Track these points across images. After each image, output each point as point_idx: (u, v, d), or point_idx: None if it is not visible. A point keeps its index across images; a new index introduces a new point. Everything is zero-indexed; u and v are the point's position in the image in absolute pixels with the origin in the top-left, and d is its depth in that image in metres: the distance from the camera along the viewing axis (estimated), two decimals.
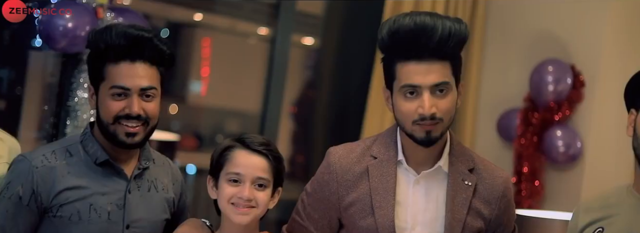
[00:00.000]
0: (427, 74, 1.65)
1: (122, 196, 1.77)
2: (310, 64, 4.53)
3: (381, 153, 1.75)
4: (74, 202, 1.72)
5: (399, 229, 1.70)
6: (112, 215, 1.75)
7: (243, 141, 1.75)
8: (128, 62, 1.71)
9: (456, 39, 1.65)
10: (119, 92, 1.71)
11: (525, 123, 3.56)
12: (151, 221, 1.80)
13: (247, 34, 4.57)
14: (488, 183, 1.74)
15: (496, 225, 1.77)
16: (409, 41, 1.65)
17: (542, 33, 3.68)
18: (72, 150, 1.77)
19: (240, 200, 1.71)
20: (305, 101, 4.32)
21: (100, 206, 1.74)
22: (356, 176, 1.74)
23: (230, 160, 1.73)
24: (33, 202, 1.71)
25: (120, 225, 1.75)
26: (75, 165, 1.74)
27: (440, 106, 1.65)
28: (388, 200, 1.70)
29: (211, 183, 1.77)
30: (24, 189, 1.70)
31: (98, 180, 1.75)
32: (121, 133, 1.72)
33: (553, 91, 3.49)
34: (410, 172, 1.73)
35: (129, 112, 1.71)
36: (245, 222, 1.72)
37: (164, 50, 1.76)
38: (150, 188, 1.82)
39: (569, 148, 3.48)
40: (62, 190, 1.72)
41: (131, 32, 1.72)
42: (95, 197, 1.74)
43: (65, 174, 1.73)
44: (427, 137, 1.66)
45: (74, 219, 1.72)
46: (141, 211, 1.79)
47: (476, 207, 1.71)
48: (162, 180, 1.86)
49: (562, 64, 3.52)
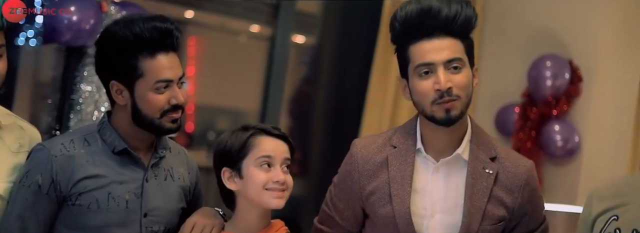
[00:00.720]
0: (439, 50, 1.68)
1: (140, 185, 1.77)
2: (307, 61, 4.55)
3: (400, 143, 1.76)
4: (92, 190, 1.72)
5: (418, 217, 1.71)
6: (130, 204, 1.75)
7: (262, 129, 1.77)
8: (163, 54, 1.72)
9: (463, 17, 1.68)
10: (164, 85, 1.72)
11: (523, 118, 3.59)
12: (168, 210, 1.81)
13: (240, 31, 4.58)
14: (510, 172, 1.73)
15: (521, 215, 1.76)
16: (417, 22, 1.69)
17: (539, 28, 3.72)
18: (89, 139, 1.77)
19: (276, 184, 1.72)
20: (302, 98, 4.33)
21: (119, 195, 1.74)
22: (377, 165, 1.76)
23: (257, 145, 1.73)
24: (52, 191, 1.71)
25: (138, 214, 1.76)
26: (93, 154, 1.75)
27: (455, 81, 1.67)
28: (404, 188, 1.71)
29: (228, 174, 1.77)
30: (43, 178, 1.70)
31: (116, 169, 1.75)
32: (167, 123, 1.74)
33: (551, 86, 3.53)
34: (429, 160, 1.74)
35: (177, 103, 1.73)
36: (281, 206, 1.74)
37: (180, 38, 1.78)
38: (167, 177, 1.83)
39: (566, 143, 3.52)
40: (80, 178, 1.72)
41: (160, 26, 1.72)
42: (113, 185, 1.74)
43: (84, 163, 1.73)
44: (447, 116, 1.67)
45: (92, 208, 1.72)
46: (158, 200, 1.79)
47: (497, 195, 1.71)
48: (178, 169, 1.86)
49: (560, 59, 3.56)
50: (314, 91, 4.18)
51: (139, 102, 1.73)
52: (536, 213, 1.80)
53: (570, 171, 3.60)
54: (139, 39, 1.71)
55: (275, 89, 3.66)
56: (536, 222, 1.80)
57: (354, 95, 3.84)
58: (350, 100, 3.91)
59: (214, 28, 4.59)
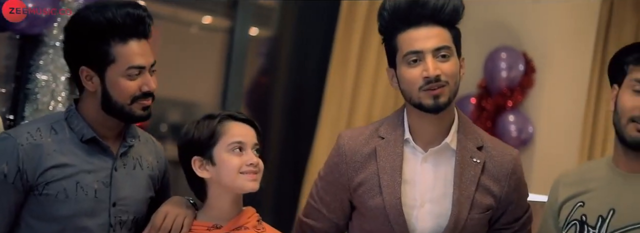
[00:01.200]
0: (427, 38, 1.69)
1: (109, 174, 1.74)
2: (265, 53, 4.54)
3: (388, 134, 1.76)
4: (60, 180, 1.69)
5: (408, 207, 1.71)
6: (99, 193, 1.72)
7: (229, 115, 1.78)
8: (135, 40, 1.71)
9: (451, 7, 1.71)
10: (136, 72, 1.70)
11: (479, 109, 3.66)
12: (137, 199, 1.79)
13: (193, 22, 4.54)
14: (497, 161, 1.75)
15: (507, 203, 1.77)
16: (406, 11, 1.70)
17: (495, 21, 3.79)
18: (56, 127, 1.73)
19: (250, 167, 1.72)
20: (260, 90, 4.32)
21: (87, 184, 1.71)
22: (365, 157, 1.76)
23: (227, 132, 1.74)
24: (18, 180, 1.67)
25: (107, 203, 1.73)
26: (60, 143, 1.71)
27: (444, 69, 1.68)
28: (395, 178, 1.71)
29: (198, 163, 1.75)
30: (9, 167, 1.67)
31: (84, 157, 1.72)
32: (138, 110, 1.73)
33: (506, 77, 3.60)
34: (417, 150, 1.74)
35: (148, 89, 1.72)
36: (257, 188, 1.74)
37: (151, 25, 1.76)
38: (135, 165, 1.80)
39: (521, 133, 3.60)
40: (48, 168, 1.69)
41: (133, 12, 1.70)
42: (81, 174, 1.71)
43: (51, 152, 1.70)
44: (435, 102, 1.68)
45: (60, 197, 1.69)
46: (127, 189, 1.77)
47: (485, 184, 1.72)
48: (147, 157, 1.84)
49: (514, 51, 3.64)
50: (272, 83, 4.17)
51: (110, 88, 1.71)
52: (521, 201, 1.82)
53: (524, 161, 3.62)
54: (111, 24, 1.68)
55: (234, 81, 3.64)
56: (521, 210, 1.82)
57: (312, 87, 3.85)
58: (309, 92, 3.92)
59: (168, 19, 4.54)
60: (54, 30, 2.61)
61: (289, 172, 3.83)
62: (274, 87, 4.13)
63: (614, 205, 1.65)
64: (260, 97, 4.24)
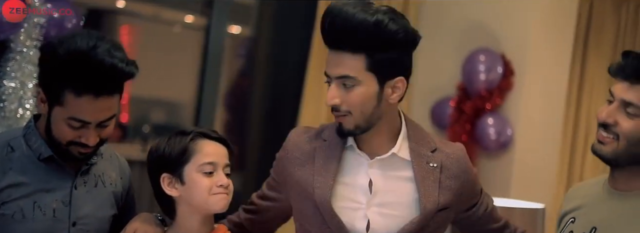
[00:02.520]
0: (336, 65, 1.63)
1: (68, 192, 1.69)
2: (243, 53, 4.49)
3: (330, 137, 1.76)
4: (17, 199, 1.64)
5: (349, 210, 1.71)
6: (58, 213, 1.67)
7: (201, 132, 1.73)
8: (91, 96, 1.57)
9: (362, 33, 1.59)
10: (78, 125, 1.61)
11: (458, 112, 3.63)
12: (98, 217, 1.74)
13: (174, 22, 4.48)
14: (453, 158, 1.76)
15: (469, 192, 1.80)
16: (325, 32, 1.64)
17: (473, 23, 3.76)
18: (14, 144, 1.67)
19: (220, 188, 1.69)
20: (239, 91, 4.28)
21: (45, 203, 1.66)
22: (305, 154, 1.76)
23: (199, 151, 1.70)
24: None
25: (66, 223, 1.68)
26: (17, 161, 1.65)
27: (346, 99, 1.64)
28: (327, 180, 1.70)
29: (167, 180, 1.71)
30: None
31: (42, 176, 1.67)
32: (75, 152, 1.65)
33: (485, 80, 3.57)
34: (363, 157, 1.73)
35: (86, 143, 1.63)
36: (226, 208, 1.71)
37: (133, 75, 1.62)
38: (97, 183, 1.75)
39: (500, 136, 3.58)
40: (4, 187, 1.63)
41: (107, 63, 1.55)
42: (39, 194, 1.66)
43: (7, 170, 1.64)
44: (339, 128, 1.68)
45: (17, 217, 1.64)
46: (88, 207, 1.72)
47: (446, 185, 1.73)
48: (110, 174, 1.80)
49: (492, 53, 3.61)
50: (251, 83, 4.13)
51: (52, 123, 1.63)
52: (476, 186, 1.85)
53: (503, 164, 3.66)
54: (70, 75, 1.55)
55: (210, 81, 3.59)
56: (478, 193, 1.86)
57: (291, 87, 3.82)
58: (287, 92, 3.88)
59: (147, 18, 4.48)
60: (21, 36, 2.54)
61: (268, 174, 3.80)
62: (253, 86, 4.10)
63: (596, 223, 1.64)
64: (239, 97, 4.21)
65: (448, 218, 1.79)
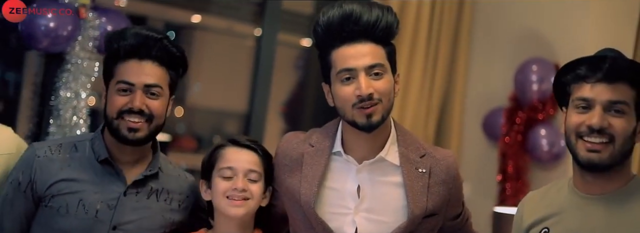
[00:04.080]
0: (360, 56, 1.69)
1: (116, 197, 1.79)
2: (300, 63, 4.55)
3: (318, 143, 1.78)
4: (65, 194, 1.76)
5: (337, 215, 1.73)
6: (100, 214, 1.77)
7: (231, 139, 1.82)
8: (136, 60, 1.77)
9: (384, 23, 1.69)
10: (124, 88, 1.76)
11: (510, 122, 3.58)
12: (142, 228, 1.81)
13: (245, 35, 4.58)
14: (443, 164, 1.78)
15: (456, 200, 1.83)
16: (339, 27, 1.69)
17: (526, 32, 3.70)
18: (79, 146, 1.82)
19: (235, 192, 1.75)
20: (295, 100, 4.34)
21: (90, 203, 1.76)
22: (293, 161, 1.79)
23: (222, 157, 1.79)
24: (29, 190, 1.77)
25: (107, 225, 1.77)
26: (76, 160, 1.79)
27: (376, 87, 1.68)
28: (312, 187, 1.73)
29: (204, 186, 1.82)
30: (23, 176, 1.77)
31: (95, 178, 1.78)
32: (124, 128, 1.76)
33: (537, 90, 3.51)
34: (351, 162, 1.75)
35: (132, 107, 1.75)
36: (240, 214, 1.76)
37: (173, 51, 1.80)
38: (150, 196, 1.84)
39: (552, 147, 3.50)
40: (56, 181, 1.77)
41: (142, 32, 1.78)
42: (86, 193, 1.77)
43: (65, 167, 1.78)
44: (368, 121, 1.68)
45: (61, 211, 1.76)
46: (133, 215, 1.80)
47: (435, 191, 1.75)
48: (171, 192, 1.87)
49: (546, 63, 3.54)
50: (306, 93, 4.18)
51: (107, 104, 1.80)
52: (462, 195, 1.88)
53: (556, 175, 3.58)
54: (119, 44, 1.77)
55: (261, 91, 3.66)
56: (462, 203, 1.90)
57: None
58: None
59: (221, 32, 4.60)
60: (76, 48, 2.68)
61: None
62: (307, 98, 4.14)
63: (578, 230, 1.63)
64: (295, 108, 4.27)
65: (436, 225, 1.79)
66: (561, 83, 1.70)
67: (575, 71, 1.66)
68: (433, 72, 3.73)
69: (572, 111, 1.64)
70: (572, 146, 1.64)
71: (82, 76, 2.69)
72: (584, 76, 1.63)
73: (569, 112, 1.66)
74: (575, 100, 1.64)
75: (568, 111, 1.67)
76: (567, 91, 1.68)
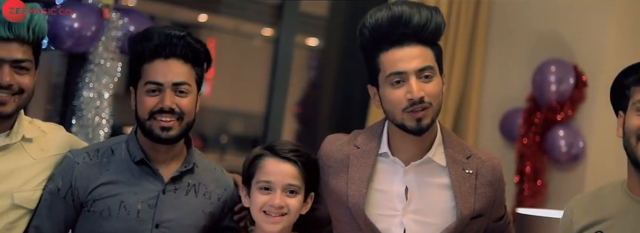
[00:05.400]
0: (410, 59, 1.67)
1: (155, 196, 1.80)
2: (314, 64, 4.56)
3: (364, 144, 1.77)
4: (106, 198, 1.78)
5: (385, 216, 1.72)
6: (142, 214, 1.79)
7: (272, 148, 1.78)
8: (162, 59, 1.77)
9: (433, 25, 1.68)
10: (153, 88, 1.77)
11: (527, 123, 3.57)
12: (183, 224, 1.82)
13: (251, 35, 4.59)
14: (488, 165, 1.77)
15: (500, 201, 1.83)
16: (388, 29, 1.68)
17: (544, 33, 3.70)
18: (115, 148, 1.84)
19: (271, 208, 1.73)
20: (309, 101, 4.34)
21: (131, 204, 1.78)
22: (338, 162, 1.78)
23: (261, 168, 1.76)
24: (69, 195, 1.79)
25: (149, 224, 1.79)
26: (114, 163, 1.81)
27: (427, 90, 1.67)
28: (361, 189, 1.72)
29: (244, 191, 1.81)
30: (64, 182, 1.79)
31: (134, 179, 1.80)
32: (156, 127, 1.77)
33: (555, 91, 3.50)
34: (397, 164, 1.75)
35: (162, 106, 1.76)
36: (277, 230, 1.75)
37: (197, 47, 1.80)
38: (189, 192, 1.84)
39: (571, 148, 3.49)
40: (97, 186, 1.79)
41: (164, 31, 1.78)
42: (126, 194, 1.79)
43: (104, 171, 1.80)
44: (418, 125, 1.68)
45: (104, 215, 1.78)
46: (174, 213, 1.81)
47: (482, 192, 1.74)
48: (208, 185, 1.88)
49: (564, 64, 3.54)
50: (321, 95, 4.19)
51: (137, 105, 1.80)
52: (504, 197, 1.88)
53: (574, 177, 3.57)
54: (143, 45, 1.78)
55: (279, 91, 3.66)
56: (505, 205, 1.89)
57: (360, 97, 3.85)
58: (356, 102, 3.91)
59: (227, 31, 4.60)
60: (99, 49, 2.69)
61: None
62: (322, 97, 4.15)
63: None
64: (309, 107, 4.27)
65: (481, 227, 1.78)
66: (621, 85, 1.68)
67: (638, 74, 1.64)
68: (449, 73, 3.73)
69: (634, 114, 1.62)
70: (631, 149, 1.62)
71: (105, 76, 2.70)
72: None
73: (630, 115, 1.64)
74: (636, 103, 1.62)
75: (628, 114, 1.65)
76: (626, 94, 1.66)
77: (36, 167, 1.79)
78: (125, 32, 2.72)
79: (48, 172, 1.81)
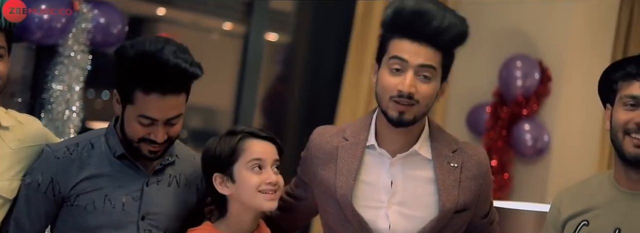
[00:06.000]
0: (417, 53, 1.67)
1: (139, 188, 1.78)
2: (280, 59, 4.55)
3: (352, 136, 1.78)
4: (90, 192, 1.75)
5: (370, 208, 1.73)
6: (127, 206, 1.77)
7: (250, 132, 1.78)
8: (158, 94, 1.66)
9: (453, 33, 1.67)
10: (147, 122, 1.71)
11: (494, 118, 3.64)
12: (168, 215, 1.81)
13: (212, 29, 4.55)
14: (474, 160, 1.78)
15: (486, 197, 1.83)
16: (409, 21, 1.67)
17: (510, 29, 3.77)
18: (95, 142, 1.79)
19: (268, 186, 1.73)
20: (276, 97, 4.34)
21: (115, 197, 1.76)
22: (326, 154, 1.79)
23: (247, 149, 1.75)
24: (50, 190, 1.75)
25: (135, 216, 1.77)
26: (95, 157, 1.77)
27: (420, 89, 1.67)
28: (348, 180, 1.73)
29: (219, 179, 1.78)
30: (44, 177, 1.75)
31: (116, 172, 1.77)
32: (145, 150, 1.74)
33: (521, 86, 3.58)
34: (384, 155, 1.76)
35: (154, 139, 1.72)
36: (275, 207, 1.76)
37: (197, 75, 1.71)
38: (171, 183, 1.83)
39: (536, 142, 3.57)
40: (80, 180, 1.75)
41: (172, 63, 1.64)
42: (111, 188, 1.76)
43: (85, 166, 1.76)
44: (399, 117, 1.68)
45: (89, 209, 1.75)
46: (159, 204, 1.80)
47: (466, 185, 1.76)
48: (188, 176, 1.86)
49: (529, 60, 3.61)
50: (288, 89, 4.18)
51: (125, 122, 1.75)
52: (491, 193, 1.88)
53: (539, 170, 3.65)
54: (140, 73, 1.66)
55: (249, 88, 3.65)
56: (491, 201, 1.89)
57: (328, 93, 3.86)
58: (324, 98, 3.92)
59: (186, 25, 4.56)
60: (69, 41, 2.64)
61: None
62: (290, 92, 4.15)
63: (619, 224, 1.64)
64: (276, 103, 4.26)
65: (466, 221, 1.79)
66: (608, 80, 1.70)
67: (625, 69, 1.66)
68: None
69: (620, 108, 1.65)
70: (618, 142, 1.65)
71: (76, 69, 2.65)
72: (635, 74, 1.64)
73: (616, 109, 1.67)
74: (623, 98, 1.65)
75: (615, 108, 1.68)
76: (613, 88, 1.69)
77: (14, 156, 1.76)
78: (94, 24, 2.68)
79: (25, 162, 1.78)
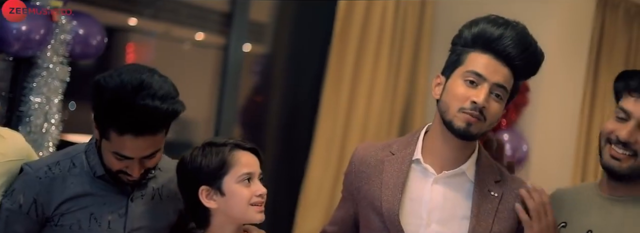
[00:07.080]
0: (496, 71, 1.68)
1: (124, 205, 1.76)
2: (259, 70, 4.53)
3: (399, 150, 1.77)
4: (75, 211, 1.73)
5: (412, 225, 1.72)
6: (113, 224, 1.75)
7: (236, 143, 1.76)
8: (132, 135, 1.62)
9: (535, 62, 1.74)
10: (121, 158, 1.68)
11: None
12: (154, 229, 1.80)
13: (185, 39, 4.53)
14: (516, 193, 1.75)
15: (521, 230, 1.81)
16: (494, 39, 1.70)
17: None
18: (76, 160, 1.76)
19: (259, 198, 1.73)
20: (255, 108, 4.32)
21: (101, 215, 1.74)
22: (371, 168, 1.78)
23: (237, 162, 1.73)
24: (33, 211, 1.71)
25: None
26: (77, 176, 1.74)
27: (491, 106, 1.68)
28: (395, 195, 1.72)
29: (206, 192, 1.74)
30: (26, 198, 1.71)
31: (99, 190, 1.75)
32: (123, 178, 1.73)
33: None
34: (429, 171, 1.75)
35: (131, 173, 1.71)
36: (263, 219, 1.75)
37: (177, 114, 1.66)
38: (154, 196, 1.81)
39: (515, 152, 3.60)
40: (64, 200, 1.72)
41: (150, 107, 1.58)
42: (95, 206, 1.74)
43: (68, 185, 1.73)
44: (466, 128, 1.66)
45: (74, 228, 1.72)
46: (144, 219, 1.78)
47: (504, 216, 1.73)
48: (169, 186, 1.84)
49: None
50: (267, 101, 4.17)
51: (102, 152, 1.72)
52: None
53: None
54: (115, 115, 1.62)
55: (229, 99, 3.64)
56: None
57: (307, 104, 3.85)
58: (304, 109, 3.92)
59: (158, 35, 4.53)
60: (48, 53, 2.60)
61: (284, 191, 3.82)
62: (269, 104, 4.13)
63: (591, 226, 1.69)
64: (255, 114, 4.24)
65: None
66: (615, 90, 1.76)
67: (627, 81, 1.71)
68: (396, 77, 3.78)
69: (612, 117, 1.71)
70: (600, 148, 1.71)
71: (55, 81, 2.61)
72: (634, 89, 1.68)
73: (609, 118, 1.74)
74: (618, 111, 1.70)
75: (611, 116, 1.74)
76: (619, 97, 1.74)
77: None
78: (73, 36, 2.65)
79: (5, 177, 1.74)
